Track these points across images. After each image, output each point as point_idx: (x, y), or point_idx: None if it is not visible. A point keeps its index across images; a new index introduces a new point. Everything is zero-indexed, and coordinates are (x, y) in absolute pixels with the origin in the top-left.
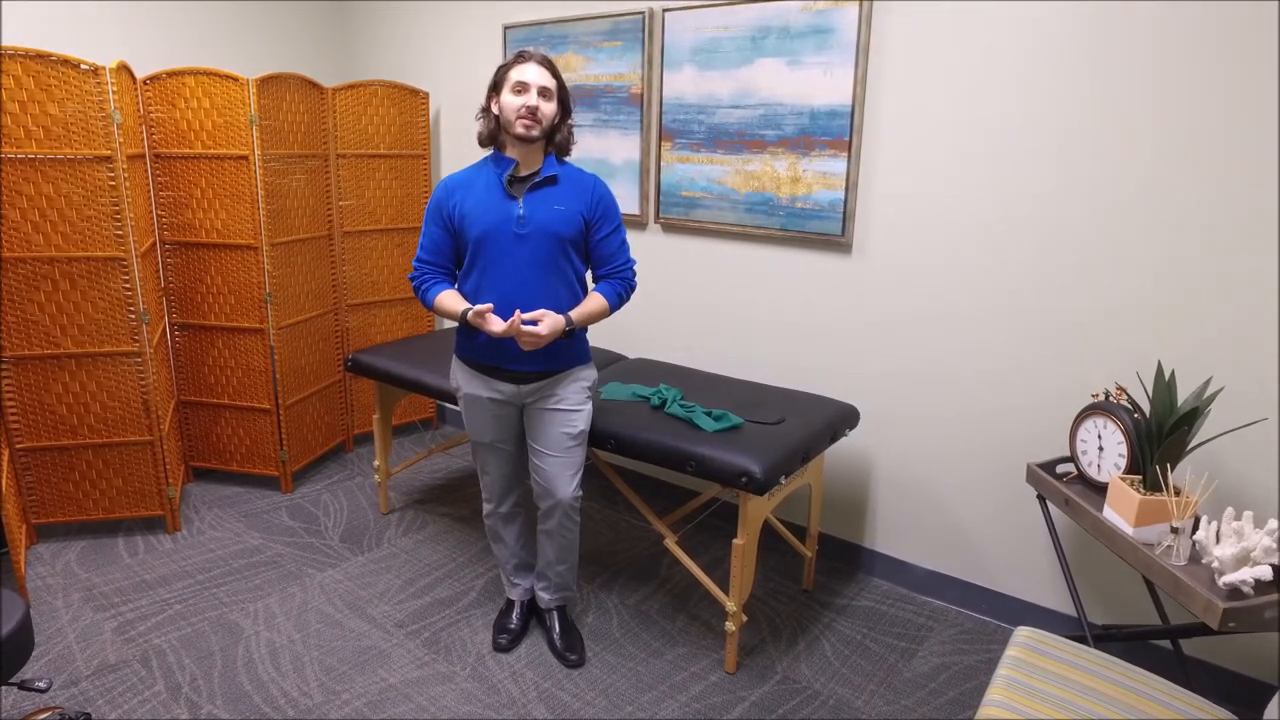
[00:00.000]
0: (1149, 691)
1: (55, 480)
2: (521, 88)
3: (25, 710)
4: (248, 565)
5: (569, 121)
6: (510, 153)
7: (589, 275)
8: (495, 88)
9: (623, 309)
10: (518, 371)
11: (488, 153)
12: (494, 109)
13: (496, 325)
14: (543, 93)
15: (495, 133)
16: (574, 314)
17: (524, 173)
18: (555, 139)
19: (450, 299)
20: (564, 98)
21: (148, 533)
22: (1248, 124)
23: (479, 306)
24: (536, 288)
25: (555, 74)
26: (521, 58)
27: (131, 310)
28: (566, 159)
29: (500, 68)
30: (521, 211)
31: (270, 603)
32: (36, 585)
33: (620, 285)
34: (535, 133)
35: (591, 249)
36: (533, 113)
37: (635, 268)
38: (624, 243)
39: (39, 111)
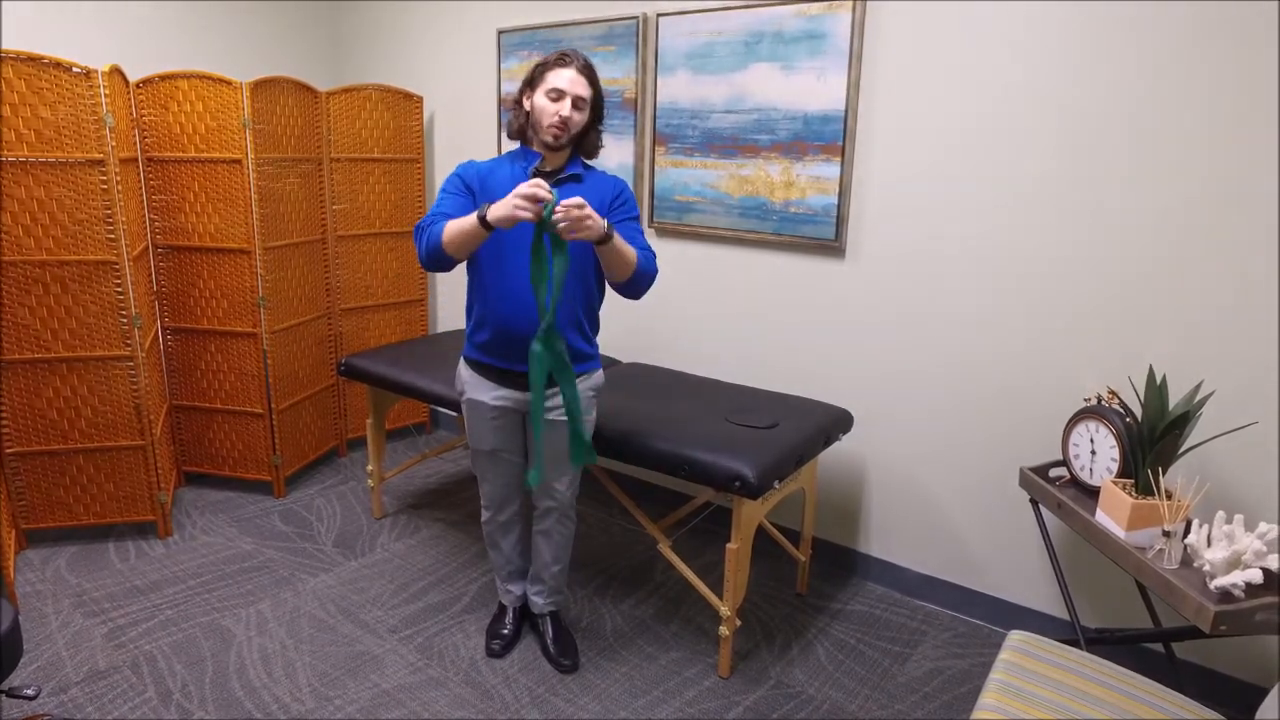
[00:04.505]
0: (1141, 695)
1: (46, 485)
2: (557, 94)
3: (13, 717)
4: (240, 570)
5: (599, 127)
6: (537, 148)
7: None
8: (530, 83)
9: (617, 312)
10: (524, 375)
11: (477, 151)
12: (526, 104)
13: (536, 189)
14: (576, 103)
15: (525, 128)
16: (616, 233)
17: (549, 168)
18: (583, 143)
19: (456, 221)
20: (598, 104)
21: (139, 538)
22: (1241, 129)
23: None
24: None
25: (594, 82)
26: (563, 60)
27: (123, 314)
28: (593, 162)
29: (540, 65)
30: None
31: (262, 608)
32: (26, 591)
33: (645, 253)
34: (563, 141)
35: None
36: (564, 124)
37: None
38: (641, 232)
39: (30, 115)
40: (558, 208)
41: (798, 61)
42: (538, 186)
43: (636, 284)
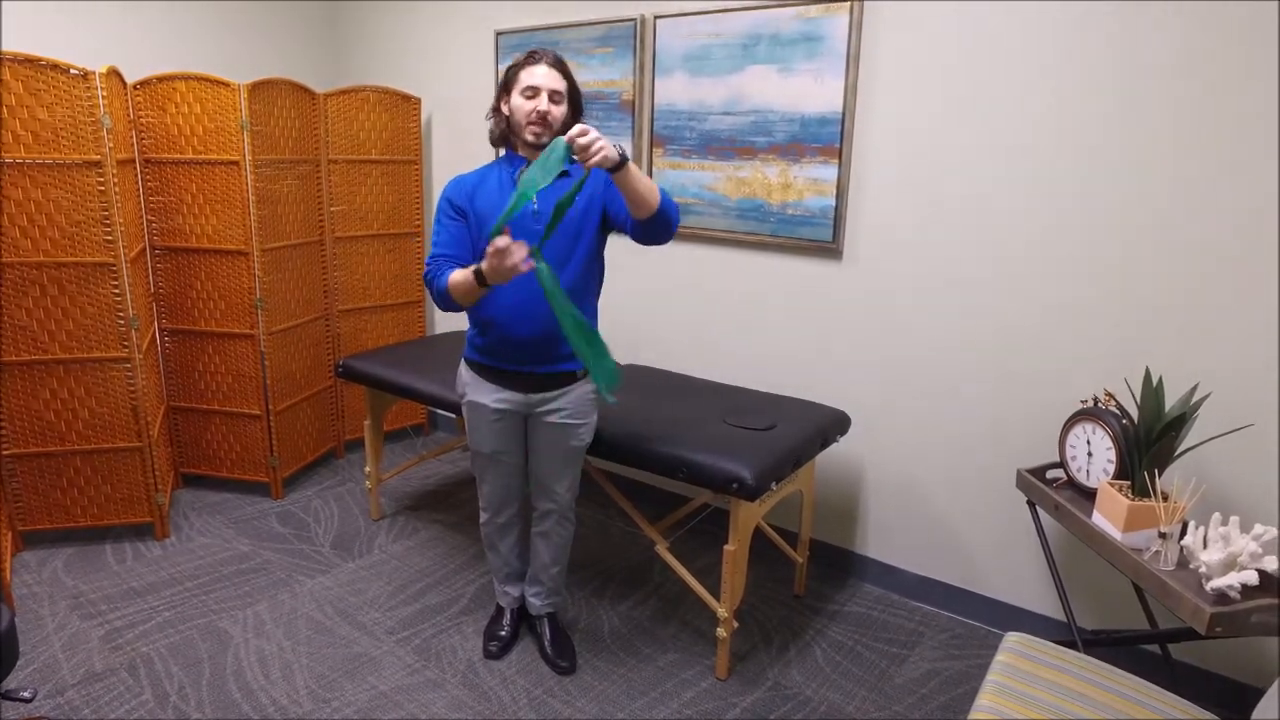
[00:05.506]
0: (1138, 696)
1: (43, 487)
2: (532, 92)
3: None
4: (237, 572)
5: (580, 119)
6: (522, 151)
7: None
8: (505, 88)
9: (615, 313)
10: (526, 376)
11: (475, 152)
12: (504, 109)
13: (517, 252)
14: (553, 97)
15: (506, 133)
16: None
17: None
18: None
19: (460, 273)
20: (575, 98)
21: (136, 539)
22: (1238, 133)
23: (498, 241)
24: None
25: (567, 75)
26: (532, 59)
27: (121, 315)
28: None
29: (511, 67)
30: (535, 207)
31: (260, 610)
32: (22, 593)
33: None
34: (546, 138)
35: (617, 210)
36: (543, 118)
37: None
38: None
39: (28, 116)
40: (571, 138)
41: (795, 64)
42: (511, 251)
43: (664, 217)
